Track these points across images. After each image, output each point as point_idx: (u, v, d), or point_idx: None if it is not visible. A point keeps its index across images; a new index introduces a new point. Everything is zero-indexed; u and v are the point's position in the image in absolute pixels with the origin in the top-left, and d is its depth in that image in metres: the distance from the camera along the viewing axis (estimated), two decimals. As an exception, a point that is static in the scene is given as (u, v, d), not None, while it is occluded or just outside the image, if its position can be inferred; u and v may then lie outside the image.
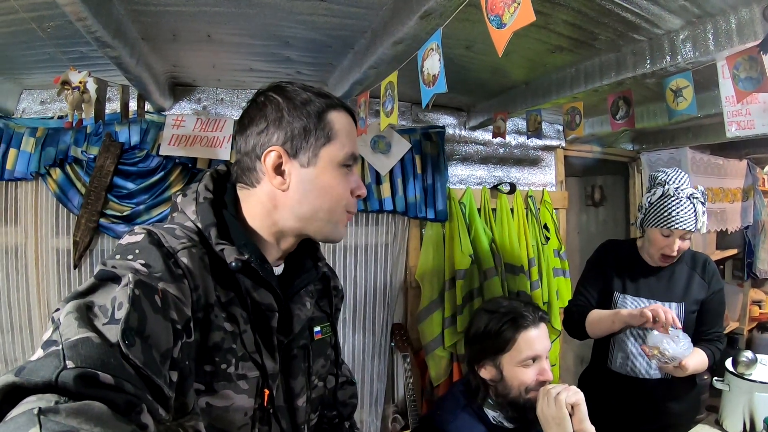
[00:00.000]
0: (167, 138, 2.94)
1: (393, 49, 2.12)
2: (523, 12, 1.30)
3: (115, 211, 2.90)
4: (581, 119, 3.21)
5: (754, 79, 1.93)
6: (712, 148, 5.28)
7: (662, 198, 2.33)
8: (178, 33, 2.30)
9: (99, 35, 1.83)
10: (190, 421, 0.93)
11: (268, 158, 1.11)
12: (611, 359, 2.53)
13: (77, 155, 2.84)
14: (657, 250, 2.39)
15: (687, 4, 1.99)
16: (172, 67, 2.77)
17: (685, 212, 2.28)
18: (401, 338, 3.57)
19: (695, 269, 2.48)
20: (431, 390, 3.63)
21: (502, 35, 1.39)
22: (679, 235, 2.30)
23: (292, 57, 2.66)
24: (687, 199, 2.29)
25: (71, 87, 2.21)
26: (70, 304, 0.77)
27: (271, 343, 1.13)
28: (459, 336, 3.55)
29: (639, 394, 2.43)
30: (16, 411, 0.57)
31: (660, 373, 2.38)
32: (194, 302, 0.97)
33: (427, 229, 3.71)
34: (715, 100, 2.87)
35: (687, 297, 2.42)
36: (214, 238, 1.06)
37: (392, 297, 3.71)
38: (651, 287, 2.48)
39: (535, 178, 4.43)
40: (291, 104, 1.13)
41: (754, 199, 5.76)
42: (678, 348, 2.15)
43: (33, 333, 2.89)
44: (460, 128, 4.02)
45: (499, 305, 1.99)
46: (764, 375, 2.52)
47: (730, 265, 6.13)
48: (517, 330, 1.86)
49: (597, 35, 2.34)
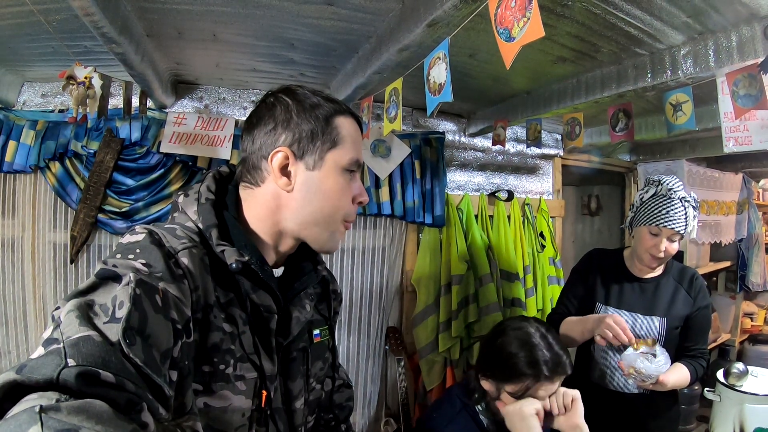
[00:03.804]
0: (168, 135, 2.93)
1: (398, 56, 2.13)
2: (533, 26, 1.31)
3: (114, 207, 2.89)
4: (581, 130, 3.22)
5: (753, 97, 1.95)
6: (709, 161, 5.32)
7: (654, 197, 2.33)
8: (183, 31, 2.30)
9: (105, 31, 1.83)
10: (188, 421, 0.92)
11: (275, 158, 1.12)
12: (591, 372, 2.49)
13: (77, 150, 2.83)
14: (644, 251, 2.35)
15: (689, 20, 2.00)
16: (176, 64, 2.77)
17: (676, 212, 2.27)
18: (396, 342, 3.58)
19: (682, 284, 2.43)
20: (424, 394, 3.63)
21: (510, 48, 1.41)
22: (667, 234, 2.28)
23: (296, 59, 2.66)
24: (679, 200, 2.28)
25: (77, 82, 2.21)
26: (70, 303, 0.77)
27: (270, 344, 1.14)
28: (453, 341, 3.55)
29: (618, 408, 2.39)
30: (17, 408, 0.57)
31: (638, 388, 2.34)
32: (194, 302, 0.97)
33: (425, 233, 3.71)
34: (713, 114, 2.89)
35: (670, 312, 2.37)
36: (215, 239, 1.07)
37: (388, 300, 3.71)
38: (634, 300, 2.43)
39: (533, 186, 4.45)
40: (300, 107, 1.14)
41: (748, 213, 5.78)
42: (653, 366, 2.12)
43: (27, 327, 2.88)
44: (459, 134, 4.04)
45: (533, 343, 1.90)
46: (755, 386, 2.54)
47: (723, 277, 6.15)
48: (536, 380, 1.83)
49: (600, 48, 2.36)
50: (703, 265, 5.33)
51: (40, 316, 2.88)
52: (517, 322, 2.04)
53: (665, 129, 2.61)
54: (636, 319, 2.36)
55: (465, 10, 1.69)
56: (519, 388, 1.85)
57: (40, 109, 2.91)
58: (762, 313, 6.25)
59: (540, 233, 4.20)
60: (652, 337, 2.27)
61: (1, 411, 0.59)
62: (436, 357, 3.59)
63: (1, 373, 0.64)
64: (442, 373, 3.63)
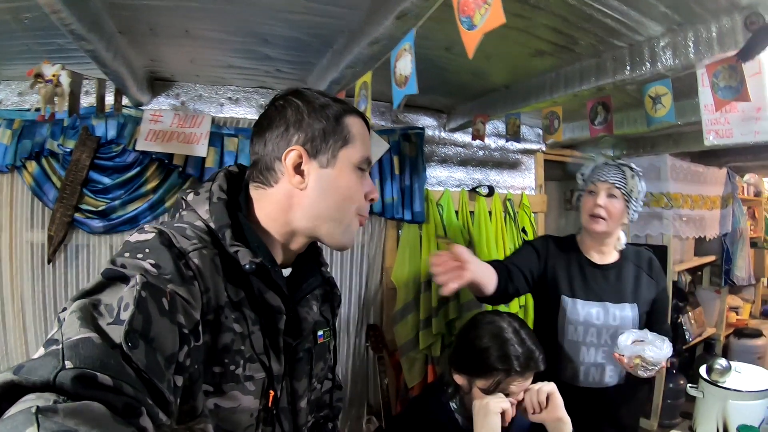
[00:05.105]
0: (144, 133, 2.90)
1: (369, 49, 2.12)
2: (494, 14, 1.30)
3: (90, 206, 2.88)
4: (560, 124, 3.22)
5: (733, 89, 1.93)
6: (693, 155, 5.32)
7: (594, 168, 2.38)
8: (155, 27, 2.28)
9: (74, 28, 1.81)
10: (200, 423, 0.95)
11: (288, 158, 1.15)
12: (562, 372, 2.33)
13: (53, 148, 2.80)
14: (586, 214, 2.33)
15: (668, 11, 1.99)
16: (150, 61, 2.75)
17: (610, 169, 2.28)
18: (376, 339, 3.56)
19: (641, 266, 2.41)
20: (406, 391, 3.63)
21: (472, 37, 1.39)
22: (604, 189, 2.27)
23: (271, 55, 2.64)
24: (616, 165, 2.30)
25: (44, 80, 2.19)
26: (75, 304, 0.77)
27: (278, 345, 1.16)
28: (434, 338, 3.55)
29: (592, 403, 2.28)
30: (14, 409, 0.57)
31: (615, 379, 2.31)
32: (204, 304, 0.98)
33: (404, 230, 3.70)
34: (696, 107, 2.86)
35: (638, 297, 2.34)
36: (228, 239, 1.08)
37: (368, 298, 3.71)
38: (600, 289, 2.35)
39: (515, 181, 4.45)
40: (311, 107, 1.18)
41: (733, 207, 5.81)
42: (662, 352, 2.06)
43: (6, 327, 2.85)
44: (439, 130, 4.03)
45: (505, 338, 1.88)
46: (738, 383, 2.53)
47: (708, 271, 6.17)
48: (507, 375, 1.82)
49: (578, 40, 2.35)
50: (687, 259, 5.35)
51: (19, 316, 2.85)
52: (490, 316, 2.03)
53: (646, 123, 2.59)
54: (607, 308, 2.30)
55: (432, 0, 1.68)
56: (490, 384, 1.83)
57: (16, 108, 2.88)
58: (747, 306, 6.30)
59: (522, 229, 4.19)
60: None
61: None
62: (416, 354, 3.60)
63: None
64: (423, 370, 3.64)
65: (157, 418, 0.72)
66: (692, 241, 5.42)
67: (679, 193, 4.88)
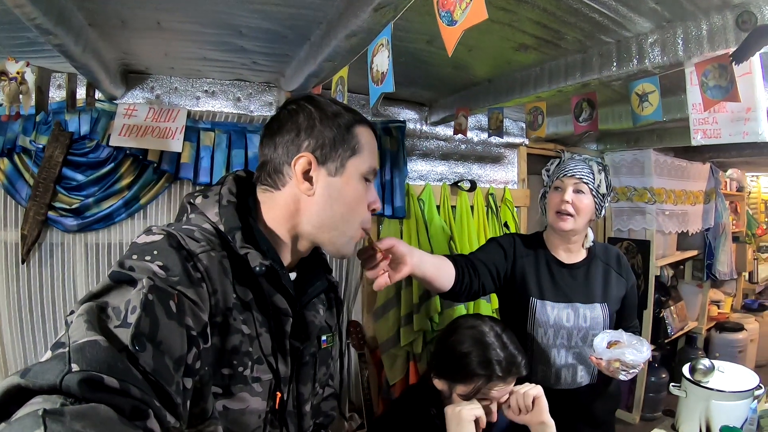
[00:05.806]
0: (118, 128, 2.83)
1: (347, 42, 2.07)
2: (475, 8, 1.25)
3: (64, 204, 2.80)
4: (544, 120, 3.20)
5: (723, 88, 1.90)
6: (676, 150, 5.37)
7: (559, 162, 2.34)
8: (126, 20, 2.21)
9: (39, 22, 1.75)
10: (210, 426, 0.97)
11: (298, 164, 1.16)
12: (533, 375, 2.19)
13: (26, 145, 2.73)
14: (552, 211, 2.26)
15: (657, 7, 1.96)
16: (123, 54, 2.67)
17: (576, 164, 2.23)
18: (357, 336, 3.54)
19: (610, 264, 2.34)
20: (388, 388, 3.61)
21: (452, 33, 1.34)
22: (570, 184, 2.21)
23: (247, 47, 2.58)
24: (582, 160, 2.27)
25: (8, 78, 2.13)
26: (82, 307, 0.78)
27: (284, 347, 1.18)
28: (415, 335, 3.51)
29: (566, 403, 2.16)
30: (22, 412, 0.58)
31: (587, 378, 2.26)
32: (212, 306, 0.99)
33: (385, 225, 3.66)
34: (681, 104, 2.86)
35: (608, 296, 2.27)
36: (239, 242, 1.09)
37: (348, 294, 3.67)
38: (569, 289, 2.26)
39: (497, 175, 4.43)
40: (323, 114, 1.19)
41: (715, 202, 5.88)
42: (642, 355, 2.00)
43: (-20, 329, 2.78)
44: (421, 123, 3.98)
45: (486, 343, 1.83)
46: (721, 383, 2.52)
47: (690, 266, 6.24)
48: (488, 380, 1.78)
49: (563, 35, 2.31)
50: (670, 254, 5.40)
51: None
52: (471, 320, 1.97)
53: (631, 119, 2.56)
54: (577, 309, 2.23)
55: (411, -8, 1.63)
56: (470, 389, 1.80)
57: (-14, 105, 2.79)
58: (729, 300, 6.38)
59: (504, 223, 4.18)
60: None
61: (6, 414, 0.59)
62: (398, 351, 3.57)
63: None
64: (404, 367, 3.60)
65: (165, 420, 0.73)
66: (675, 236, 5.47)
67: (663, 188, 4.92)
